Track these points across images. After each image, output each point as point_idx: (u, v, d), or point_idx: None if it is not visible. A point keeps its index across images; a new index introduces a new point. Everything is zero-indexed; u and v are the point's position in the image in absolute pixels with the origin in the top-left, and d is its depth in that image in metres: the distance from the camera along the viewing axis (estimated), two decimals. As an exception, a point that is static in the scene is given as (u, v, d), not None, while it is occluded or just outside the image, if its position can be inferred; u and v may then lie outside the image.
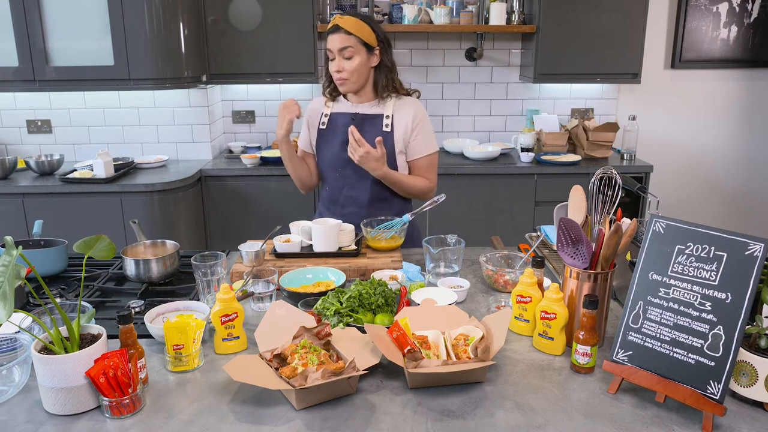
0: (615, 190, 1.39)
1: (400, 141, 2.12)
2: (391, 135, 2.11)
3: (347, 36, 2.01)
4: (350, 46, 2.01)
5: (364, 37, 2.02)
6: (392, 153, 2.12)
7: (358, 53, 2.03)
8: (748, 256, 1.12)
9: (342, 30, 2.01)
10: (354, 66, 2.04)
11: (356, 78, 2.06)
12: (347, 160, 2.11)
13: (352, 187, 2.17)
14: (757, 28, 3.93)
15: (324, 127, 2.17)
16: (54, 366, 1.13)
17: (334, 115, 2.16)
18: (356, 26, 2.01)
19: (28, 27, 3.08)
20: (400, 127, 2.11)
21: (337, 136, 2.13)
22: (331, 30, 2.03)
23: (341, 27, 2.01)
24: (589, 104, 4.00)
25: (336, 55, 2.04)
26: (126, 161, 3.46)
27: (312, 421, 1.15)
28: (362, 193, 2.16)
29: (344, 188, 2.18)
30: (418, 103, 2.17)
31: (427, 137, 2.16)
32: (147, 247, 1.88)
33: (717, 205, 4.27)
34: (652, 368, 1.20)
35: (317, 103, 2.23)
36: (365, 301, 1.49)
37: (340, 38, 2.01)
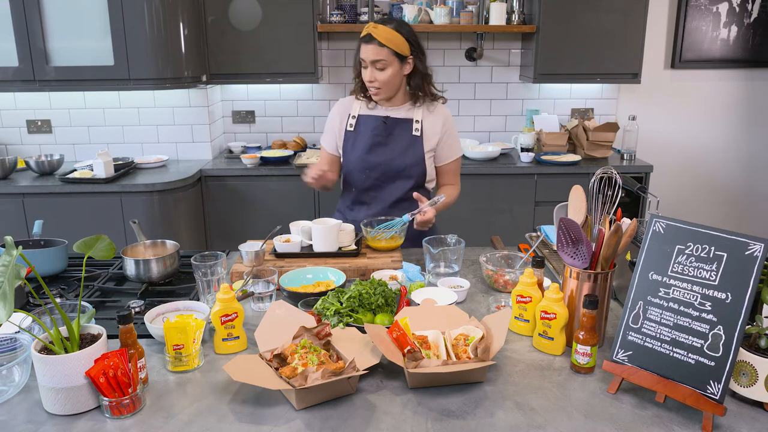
0: (615, 190, 1.39)
1: (429, 146, 2.15)
2: (420, 139, 2.13)
3: (380, 48, 1.99)
4: (383, 58, 2.01)
5: (398, 48, 2.01)
6: (421, 157, 2.14)
7: (391, 65, 2.03)
8: (748, 256, 1.12)
9: (375, 41, 1.99)
10: (387, 77, 2.04)
11: (388, 88, 2.07)
12: (377, 162, 2.13)
13: (379, 188, 2.17)
14: (757, 28, 3.93)
15: (352, 129, 2.16)
16: (54, 366, 1.13)
17: (363, 117, 2.16)
18: (390, 37, 1.99)
19: (28, 27, 3.08)
20: (430, 132, 2.14)
21: (367, 137, 2.14)
22: (365, 39, 2.01)
23: (375, 38, 1.99)
24: (589, 104, 4.00)
25: (369, 65, 2.03)
26: (126, 161, 3.46)
27: (312, 421, 1.15)
28: (389, 194, 2.17)
29: (371, 190, 2.18)
30: (446, 110, 2.20)
31: (455, 143, 2.22)
32: (147, 247, 1.88)
33: (717, 205, 4.27)
34: (652, 368, 1.20)
35: (345, 104, 2.21)
36: (365, 301, 1.49)
37: (373, 50, 2.00)
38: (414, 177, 2.15)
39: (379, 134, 2.13)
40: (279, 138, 3.93)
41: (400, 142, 2.13)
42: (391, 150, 2.13)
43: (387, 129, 2.13)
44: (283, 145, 3.78)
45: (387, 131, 2.13)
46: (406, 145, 2.13)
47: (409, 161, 2.13)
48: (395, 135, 2.13)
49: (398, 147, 2.13)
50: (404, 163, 2.13)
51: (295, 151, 3.68)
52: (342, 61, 3.85)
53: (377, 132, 2.13)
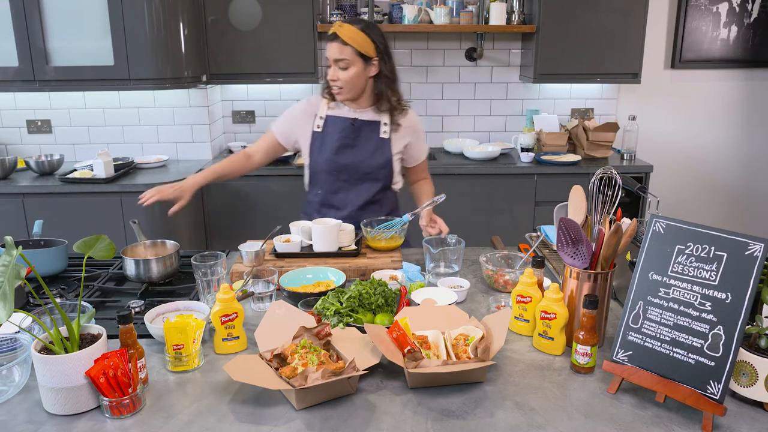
0: (615, 190, 1.39)
1: (397, 148, 2.16)
2: (389, 142, 2.14)
3: (343, 47, 1.99)
4: (346, 57, 2.00)
5: (362, 48, 2.00)
6: (389, 159, 2.15)
7: (354, 64, 2.01)
8: (748, 256, 1.12)
9: (339, 40, 1.99)
10: (348, 77, 2.02)
11: (350, 88, 2.05)
12: (345, 164, 2.12)
13: (348, 190, 2.17)
14: (757, 28, 3.93)
15: (319, 129, 2.15)
16: (54, 366, 1.13)
17: (331, 118, 2.14)
18: (354, 36, 1.98)
19: (28, 27, 3.08)
20: (397, 135, 2.15)
21: (335, 139, 2.12)
22: (330, 37, 2.01)
23: (338, 36, 1.99)
24: (589, 104, 3.99)
25: (332, 64, 2.03)
26: (126, 161, 3.46)
27: (312, 421, 1.15)
28: (358, 196, 2.17)
29: (340, 192, 2.18)
30: (412, 112, 2.22)
31: (423, 143, 2.27)
32: (147, 247, 1.88)
33: (717, 205, 4.27)
34: (652, 368, 1.20)
35: (313, 103, 2.19)
36: (365, 301, 1.49)
37: (336, 48, 2.00)
38: (382, 179, 2.16)
39: (348, 136, 2.12)
40: (279, 138, 3.92)
41: (368, 144, 2.12)
42: (359, 152, 2.12)
43: (355, 131, 2.12)
44: (283, 145, 3.77)
45: (355, 133, 2.12)
46: (374, 147, 2.13)
47: (378, 163, 2.13)
48: (363, 137, 2.12)
49: (367, 149, 2.12)
50: (372, 165, 2.13)
51: (295, 152, 3.67)
52: (342, 61, 3.84)
53: (346, 134, 2.12)
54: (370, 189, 2.16)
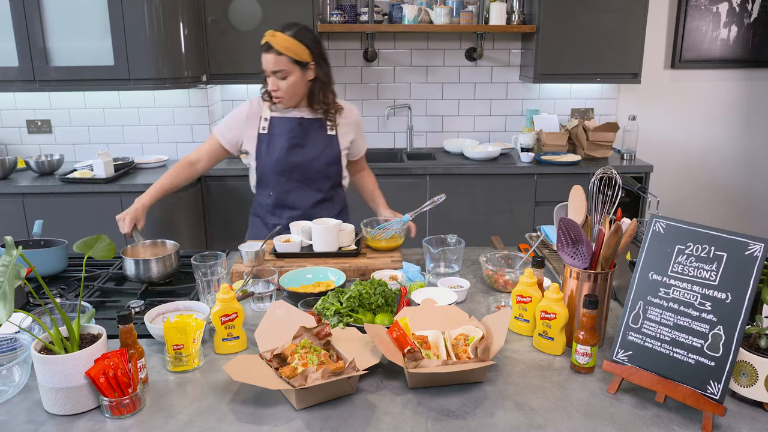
0: (615, 190, 1.39)
1: (344, 144, 2.19)
2: (336, 138, 2.17)
3: (279, 57, 1.99)
4: (283, 68, 2.01)
5: (297, 55, 2.00)
6: (338, 155, 2.18)
7: (292, 73, 2.02)
8: (748, 256, 1.12)
9: (273, 50, 1.99)
10: (288, 85, 2.04)
11: (291, 96, 2.07)
12: (294, 164, 2.13)
13: (300, 189, 2.18)
14: (757, 28, 3.93)
15: (265, 131, 2.14)
16: (54, 366, 1.13)
17: (276, 120, 2.14)
18: (287, 45, 1.99)
19: (28, 27, 3.08)
20: (344, 131, 2.19)
21: (283, 140, 2.13)
22: (264, 48, 2.01)
23: (273, 47, 1.98)
24: (589, 104, 3.99)
25: (271, 75, 2.03)
26: (126, 161, 3.46)
27: (312, 421, 1.15)
28: (312, 195, 2.18)
29: (292, 191, 2.18)
30: (353, 108, 2.26)
31: (364, 138, 2.34)
32: (147, 247, 1.88)
33: (717, 205, 4.27)
34: (652, 368, 1.20)
35: (255, 105, 2.18)
36: (365, 301, 1.49)
37: (272, 59, 2.00)
38: (332, 177, 2.18)
39: (296, 136, 2.13)
40: (279, 138, 3.92)
41: (317, 143, 2.14)
42: (308, 151, 2.14)
43: (303, 130, 2.13)
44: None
45: (303, 132, 2.13)
46: (323, 145, 2.14)
47: (328, 161, 2.16)
48: (311, 136, 2.14)
49: (316, 148, 2.14)
50: (323, 164, 2.15)
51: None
52: (342, 61, 3.84)
53: (294, 133, 2.12)
54: (322, 187, 2.18)
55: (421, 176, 3.44)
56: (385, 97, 3.93)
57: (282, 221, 2.17)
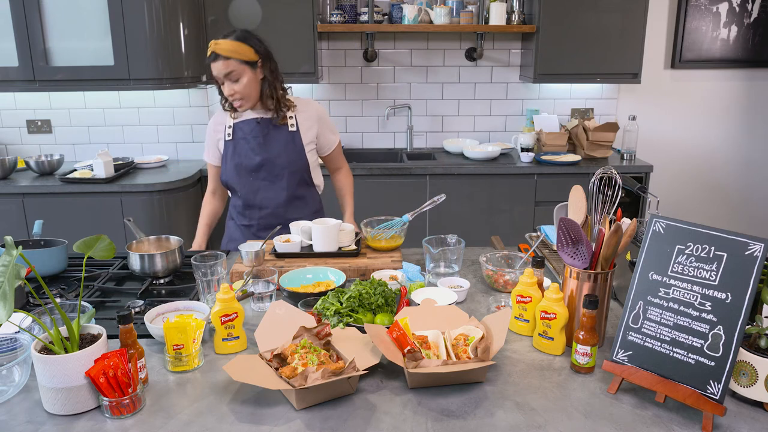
0: (615, 190, 1.39)
1: (308, 138, 2.20)
2: (298, 134, 2.18)
3: (227, 61, 2.02)
4: (233, 69, 2.03)
5: (244, 56, 2.04)
6: (301, 150, 2.19)
7: (244, 73, 2.06)
8: (748, 256, 1.12)
9: (221, 57, 2.02)
10: (244, 86, 2.06)
11: (248, 96, 2.09)
12: (260, 162, 2.15)
13: (267, 188, 2.19)
14: (757, 28, 3.93)
15: (230, 138, 2.18)
16: (54, 366, 1.13)
17: (238, 124, 2.18)
18: (232, 48, 2.02)
19: (28, 27, 3.08)
20: (305, 126, 2.20)
21: (247, 141, 2.16)
22: (211, 59, 2.04)
23: (219, 55, 2.02)
24: (589, 104, 4.00)
25: (224, 80, 2.06)
26: (126, 161, 3.46)
27: (312, 421, 1.15)
28: (279, 193, 2.19)
29: (259, 191, 2.20)
30: (315, 102, 2.27)
31: (332, 129, 2.31)
32: (151, 242, 1.89)
33: (717, 205, 4.27)
34: (652, 368, 1.20)
35: (219, 117, 2.23)
36: (365, 301, 1.49)
37: (221, 65, 2.03)
38: (298, 172, 2.19)
39: (257, 135, 2.15)
40: (279, 138, 3.92)
41: (278, 140, 2.16)
42: (272, 148, 2.16)
43: (263, 129, 2.16)
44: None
45: (263, 131, 2.16)
46: (284, 141, 2.16)
47: (292, 157, 2.17)
48: (272, 134, 2.16)
49: (278, 144, 2.16)
50: (287, 159, 2.16)
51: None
52: (342, 61, 3.85)
53: (255, 134, 2.16)
54: (289, 184, 2.19)
55: (421, 176, 3.44)
56: (385, 97, 3.93)
57: (252, 222, 2.22)
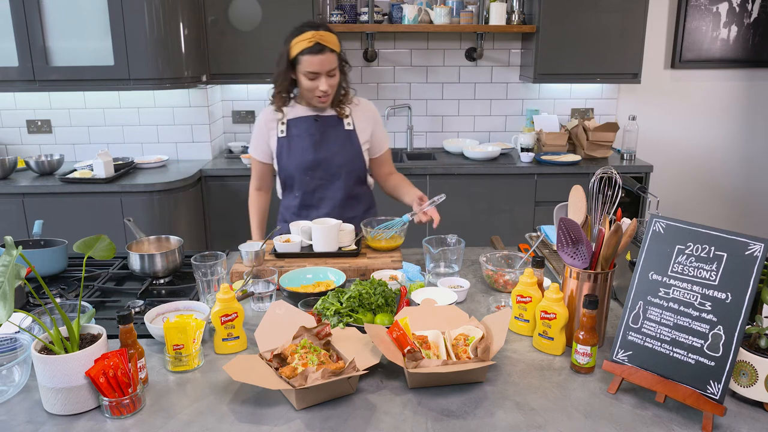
0: (615, 190, 1.39)
1: (364, 138, 2.18)
2: (354, 133, 2.16)
3: (332, 54, 1.99)
4: (335, 66, 2.02)
5: (339, 50, 2.03)
6: (359, 150, 2.16)
7: (338, 69, 2.04)
8: (748, 256, 1.12)
9: (328, 50, 1.98)
10: (336, 82, 2.06)
11: (336, 91, 2.09)
12: (318, 161, 2.13)
13: (325, 187, 2.18)
14: (757, 28, 3.93)
15: (284, 135, 2.15)
16: (54, 366, 1.13)
17: (293, 121, 2.15)
18: (336, 42, 2.01)
19: (28, 27, 3.08)
20: (361, 126, 2.17)
21: (303, 139, 2.13)
22: (315, 50, 1.96)
23: (327, 47, 1.97)
24: (589, 104, 4.00)
25: (323, 76, 2.01)
26: (126, 161, 3.46)
27: (312, 421, 1.15)
28: (337, 192, 2.17)
29: (317, 190, 2.18)
30: (369, 102, 2.25)
31: (385, 133, 2.27)
32: (151, 242, 1.89)
33: (717, 205, 4.27)
34: (652, 368, 1.20)
35: (269, 112, 2.18)
36: (365, 301, 1.49)
37: (328, 59, 1.99)
38: (356, 171, 2.17)
39: (314, 133, 2.13)
40: (279, 138, 3.92)
41: (336, 139, 2.14)
42: (329, 147, 2.14)
43: (320, 127, 2.13)
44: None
45: (321, 129, 2.13)
46: (342, 140, 2.14)
47: (349, 156, 2.15)
48: (330, 132, 2.14)
49: (336, 143, 2.14)
50: (345, 158, 2.14)
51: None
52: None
53: (312, 131, 2.13)
54: (346, 183, 2.17)
55: (421, 176, 3.44)
56: (385, 97, 3.93)
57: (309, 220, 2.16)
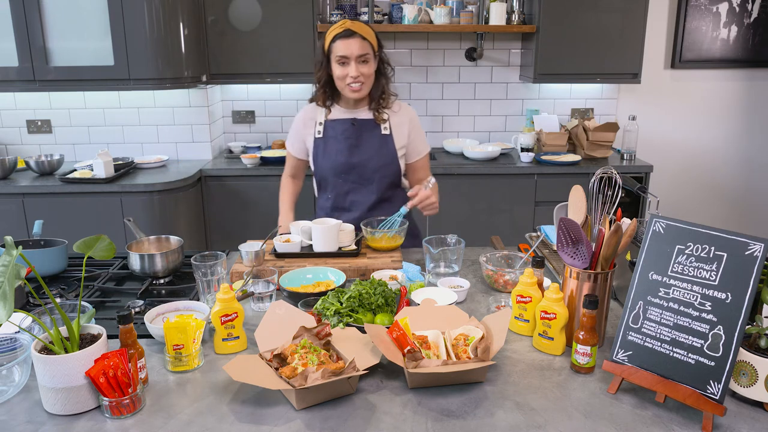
0: (615, 190, 1.39)
1: (400, 143, 2.16)
2: (391, 138, 2.14)
3: (364, 42, 2.01)
4: (367, 52, 2.02)
5: (374, 42, 2.05)
6: (394, 155, 2.15)
7: (371, 59, 2.05)
8: (748, 256, 1.12)
9: (358, 35, 2.00)
10: (370, 71, 2.05)
11: (369, 81, 2.08)
12: (352, 165, 2.12)
13: (357, 191, 2.17)
14: (757, 28, 3.93)
15: (320, 135, 2.16)
16: (54, 366, 1.13)
17: (330, 123, 2.15)
18: (368, 32, 2.03)
19: (28, 27, 3.08)
20: (398, 130, 2.15)
21: (338, 141, 2.13)
22: (345, 34, 2.00)
23: (357, 32, 2.00)
24: (589, 104, 4.00)
25: (353, 61, 2.02)
26: (126, 161, 3.46)
27: (312, 421, 1.15)
28: (369, 196, 2.16)
29: (350, 193, 2.18)
30: (409, 106, 2.22)
31: (423, 138, 2.24)
32: (151, 242, 1.89)
33: (717, 205, 4.27)
34: (652, 368, 1.20)
35: (309, 110, 2.20)
36: (365, 301, 1.49)
37: (358, 44, 2.00)
38: (389, 176, 2.16)
39: (350, 136, 2.12)
40: (279, 138, 3.93)
41: (371, 143, 2.13)
42: (364, 151, 2.13)
43: (356, 131, 2.13)
44: (282, 145, 3.78)
45: (357, 133, 2.13)
46: (378, 145, 2.13)
47: (384, 161, 2.14)
48: (365, 136, 2.13)
49: (371, 147, 2.13)
50: (379, 163, 2.13)
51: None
52: (342, 61, 3.84)
53: (347, 134, 2.13)
54: (379, 187, 2.16)
55: (421, 176, 3.43)
56: (385, 97, 3.92)
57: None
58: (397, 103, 2.19)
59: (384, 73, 2.13)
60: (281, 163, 3.46)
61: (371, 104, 2.14)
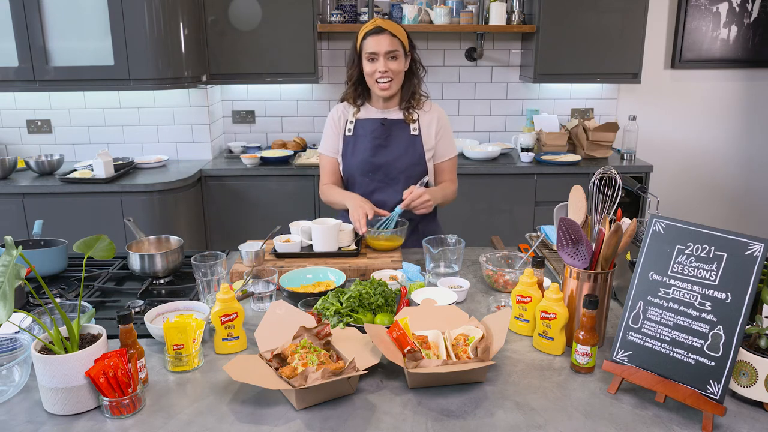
0: (615, 190, 1.39)
1: (428, 145, 2.16)
2: (419, 138, 2.15)
3: (393, 39, 2.02)
4: (396, 49, 2.03)
5: (404, 41, 2.06)
6: (422, 156, 2.15)
7: (400, 57, 2.06)
8: (748, 256, 1.12)
9: (388, 32, 2.02)
10: (399, 68, 2.06)
11: (398, 79, 2.09)
12: (379, 164, 2.13)
13: (383, 190, 2.17)
14: (757, 28, 3.93)
15: (350, 134, 2.16)
16: (54, 366, 1.13)
17: (360, 121, 2.16)
18: (398, 30, 2.05)
19: (28, 27, 3.08)
20: (427, 131, 2.16)
21: (367, 140, 2.14)
22: (375, 31, 2.02)
23: (386, 29, 2.02)
24: (589, 104, 4.00)
25: (381, 57, 2.03)
26: (126, 161, 3.46)
27: (312, 421, 1.15)
28: (394, 196, 2.15)
29: (375, 192, 2.17)
30: (440, 107, 2.22)
31: (451, 141, 2.23)
32: (151, 242, 1.89)
33: (717, 205, 4.27)
34: (652, 368, 1.20)
35: (340, 109, 2.21)
36: (365, 301, 1.49)
37: (387, 40, 2.01)
38: (416, 177, 2.15)
39: (379, 136, 2.13)
40: (279, 138, 3.93)
41: (400, 143, 2.13)
42: (392, 151, 2.13)
43: (386, 130, 2.13)
44: (283, 145, 3.78)
45: (386, 133, 2.13)
46: (406, 145, 2.13)
47: (411, 161, 2.13)
48: (394, 136, 2.13)
49: (399, 147, 2.13)
50: (406, 164, 2.13)
51: (295, 151, 3.68)
52: (342, 61, 3.84)
53: (376, 134, 2.13)
54: (405, 187, 2.13)
55: (421, 176, 3.43)
56: (385, 97, 3.93)
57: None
58: (428, 103, 2.20)
59: (415, 73, 2.14)
60: (281, 163, 3.47)
61: (401, 104, 2.15)
